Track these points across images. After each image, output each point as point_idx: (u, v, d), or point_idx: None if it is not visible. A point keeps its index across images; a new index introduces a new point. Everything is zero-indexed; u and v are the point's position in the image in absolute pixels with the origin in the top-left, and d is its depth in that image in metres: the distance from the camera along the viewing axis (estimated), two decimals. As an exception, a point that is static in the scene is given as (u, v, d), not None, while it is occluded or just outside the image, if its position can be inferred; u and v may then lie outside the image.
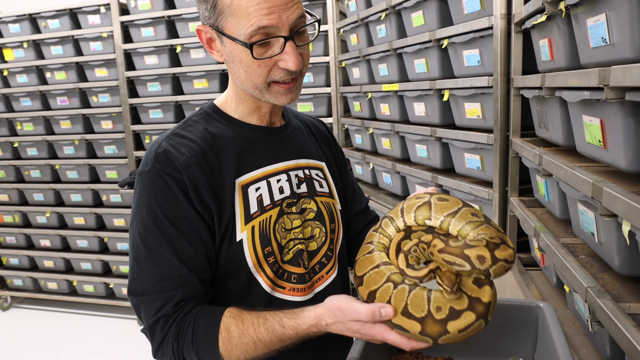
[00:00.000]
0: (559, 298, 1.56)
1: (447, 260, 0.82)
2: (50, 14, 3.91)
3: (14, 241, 4.42)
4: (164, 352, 0.96)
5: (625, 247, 1.06)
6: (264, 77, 0.98)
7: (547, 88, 1.42)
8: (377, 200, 2.95)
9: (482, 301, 0.79)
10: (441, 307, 0.80)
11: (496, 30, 1.83)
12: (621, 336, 0.93)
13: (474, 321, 0.78)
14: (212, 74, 3.60)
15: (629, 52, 0.96)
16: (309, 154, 1.20)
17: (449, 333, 0.79)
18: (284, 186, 1.10)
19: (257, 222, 1.04)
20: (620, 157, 1.04)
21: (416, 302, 0.82)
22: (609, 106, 1.05)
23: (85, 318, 4.17)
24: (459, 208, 0.90)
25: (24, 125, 4.19)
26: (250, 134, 1.10)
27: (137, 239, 0.98)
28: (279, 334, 0.92)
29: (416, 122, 2.54)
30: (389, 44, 2.56)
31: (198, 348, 0.94)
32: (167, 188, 0.97)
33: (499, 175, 1.94)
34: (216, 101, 1.14)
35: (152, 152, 1.01)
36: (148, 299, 0.96)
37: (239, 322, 0.93)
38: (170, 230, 0.96)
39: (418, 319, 0.80)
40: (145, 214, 0.97)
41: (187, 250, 0.97)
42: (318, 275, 1.13)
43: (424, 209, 0.92)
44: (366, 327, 0.86)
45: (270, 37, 0.93)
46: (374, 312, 0.83)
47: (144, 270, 0.96)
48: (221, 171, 1.03)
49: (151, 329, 0.96)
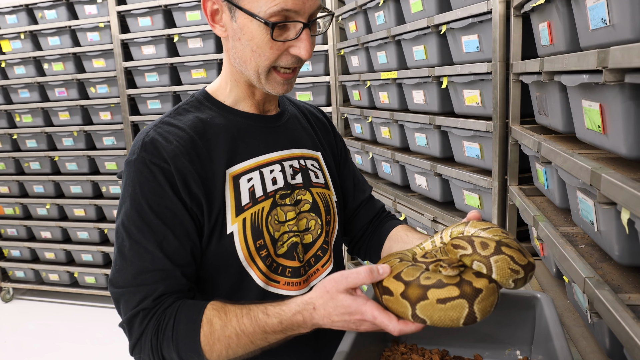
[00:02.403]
0: (559, 288, 1.53)
1: (454, 244, 0.83)
2: (47, 4, 3.88)
3: (15, 233, 4.42)
4: (142, 348, 0.92)
5: (624, 236, 1.03)
6: (270, 60, 0.96)
7: (546, 72, 1.38)
8: (377, 190, 2.92)
9: (473, 285, 0.76)
10: (430, 277, 0.78)
11: (495, 15, 1.78)
12: (619, 328, 0.90)
13: (455, 296, 0.75)
14: (210, 64, 3.56)
15: (630, 32, 0.92)
16: (304, 144, 1.16)
17: (427, 299, 0.75)
18: (277, 177, 1.07)
19: (248, 214, 1.01)
20: (620, 143, 1.01)
21: (410, 271, 0.81)
22: (608, 90, 1.02)
23: (87, 309, 4.19)
24: (492, 226, 0.92)
25: (22, 117, 4.18)
26: (243, 122, 1.06)
27: (121, 230, 0.95)
28: (262, 323, 0.86)
29: (415, 111, 2.50)
30: (387, 31, 2.52)
31: (178, 343, 0.89)
32: (153, 178, 0.94)
33: (498, 163, 1.91)
34: (208, 88, 1.10)
35: (139, 141, 0.98)
36: (128, 291, 0.92)
37: (222, 314, 0.89)
38: (154, 222, 0.93)
39: (405, 282, 0.79)
40: (129, 204, 0.94)
41: (171, 244, 0.94)
42: (313, 268, 1.10)
43: (460, 226, 0.95)
44: (358, 302, 0.80)
45: (289, 20, 0.91)
46: (372, 269, 0.81)
47: (127, 262, 0.93)
48: (211, 161, 0.99)
49: (129, 322, 0.92)
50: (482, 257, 0.78)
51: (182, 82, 3.71)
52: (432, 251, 0.90)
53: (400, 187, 2.78)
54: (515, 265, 0.78)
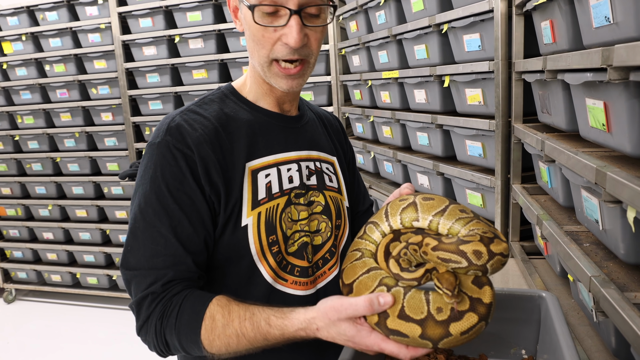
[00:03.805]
0: (563, 287, 1.53)
1: (442, 258, 0.77)
2: (48, 5, 3.88)
3: (17, 234, 4.43)
4: (147, 330, 0.93)
5: (630, 234, 1.03)
6: (267, 49, 0.96)
7: (549, 71, 1.38)
8: (378, 190, 2.92)
9: (484, 302, 0.75)
10: (442, 308, 0.74)
11: (497, 13, 1.78)
12: (626, 327, 0.89)
13: (476, 323, 0.74)
14: (211, 64, 3.56)
15: (634, 30, 0.92)
16: (321, 147, 1.17)
17: (452, 336, 0.73)
18: (293, 176, 1.08)
19: (263, 209, 1.01)
20: (625, 141, 1.00)
21: (414, 304, 0.75)
22: (612, 88, 1.01)
23: (89, 310, 4.19)
24: (446, 206, 0.86)
25: (24, 119, 4.18)
26: (265, 119, 1.07)
27: (137, 211, 0.95)
28: (264, 331, 0.86)
29: (417, 110, 2.49)
30: (388, 30, 2.51)
31: (180, 332, 0.90)
32: (175, 163, 0.94)
33: (501, 162, 1.90)
34: (234, 83, 1.12)
35: (164, 125, 0.98)
36: (139, 273, 0.93)
37: (225, 312, 0.89)
38: (172, 206, 0.93)
39: (417, 322, 0.74)
40: (149, 186, 0.95)
41: (186, 230, 0.94)
42: (321, 270, 1.10)
43: (410, 210, 0.88)
44: (361, 334, 0.78)
45: (276, 4, 0.92)
46: (371, 301, 0.76)
47: (140, 244, 0.94)
48: (232, 153, 1.00)
49: (138, 305, 0.94)
50: (479, 267, 0.76)
51: (183, 83, 3.71)
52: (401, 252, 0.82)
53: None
54: (504, 259, 0.78)
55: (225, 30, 3.47)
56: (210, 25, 3.48)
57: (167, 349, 0.95)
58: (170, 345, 0.93)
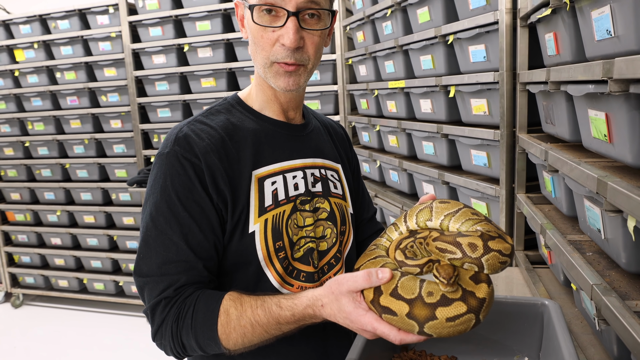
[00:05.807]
0: (567, 296, 1.54)
1: (439, 248, 0.82)
2: (60, 14, 3.94)
3: (26, 239, 4.47)
4: (163, 334, 0.95)
5: (631, 243, 1.04)
6: (266, 51, 0.99)
7: (553, 82, 1.40)
8: (384, 198, 2.94)
9: (476, 296, 0.77)
10: (433, 293, 0.77)
11: (502, 25, 1.81)
12: (627, 335, 0.91)
13: (464, 312, 0.75)
14: (220, 73, 3.60)
15: (634, 44, 0.94)
16: (326, 155, 1.20)
17: (436, 319, 0.75)
18: (299, 183, 1.10)
19: (270, 216, 1.04)
20: (626, 152, 1.02)
21: (407, 285, 0.79)
22: (613, 99, 1.03)
23: (95, 315, 4.21)
24: (459, 208, 0.90)
25: (34, 125, 4.24)
26: (271, 128, 1.10)
27: (148, 220, 0.98)
28: (275, 315, 0.90)
29: (423, 119, 2.52)
30: (394, 41, 2.54)
31: (197, 331, 0.93)
32: (184, 172, 0.97)
33: (505, 171, 1.92)
34: (240, 93, 1.15)
35: (172, 135, 1.02)
36: (152, 280, 0.96)
37: (238, 305, 0.93)
38: (182, 214, 0.96)
39: (407, 300, 0.77)
40: (159, 195, 0.98)
41: (196, 237, 0.97)
42: (326, 276, 1.13)
43: (425, 212, 0.93)
44: (358, 312, 0.82)
45: (274, 6, 0.95)
46: (370, 273, 0.80)
47: (152, 252, 0.97)
48: (239, 161, 1.03)
49: (152, 310, 0.96)
50: (473, 259, 0.79)
51: (191, 91, 3.75)
52: (408, 245, 0.88)
53: (408, 195, 2.79)
54: (503, 257, 0.80)
55: (233, 39, 3.51)
56: (219, 34, 3.53)
57: (183, 351, 0.97)
58: (187, 346, 0.95)
